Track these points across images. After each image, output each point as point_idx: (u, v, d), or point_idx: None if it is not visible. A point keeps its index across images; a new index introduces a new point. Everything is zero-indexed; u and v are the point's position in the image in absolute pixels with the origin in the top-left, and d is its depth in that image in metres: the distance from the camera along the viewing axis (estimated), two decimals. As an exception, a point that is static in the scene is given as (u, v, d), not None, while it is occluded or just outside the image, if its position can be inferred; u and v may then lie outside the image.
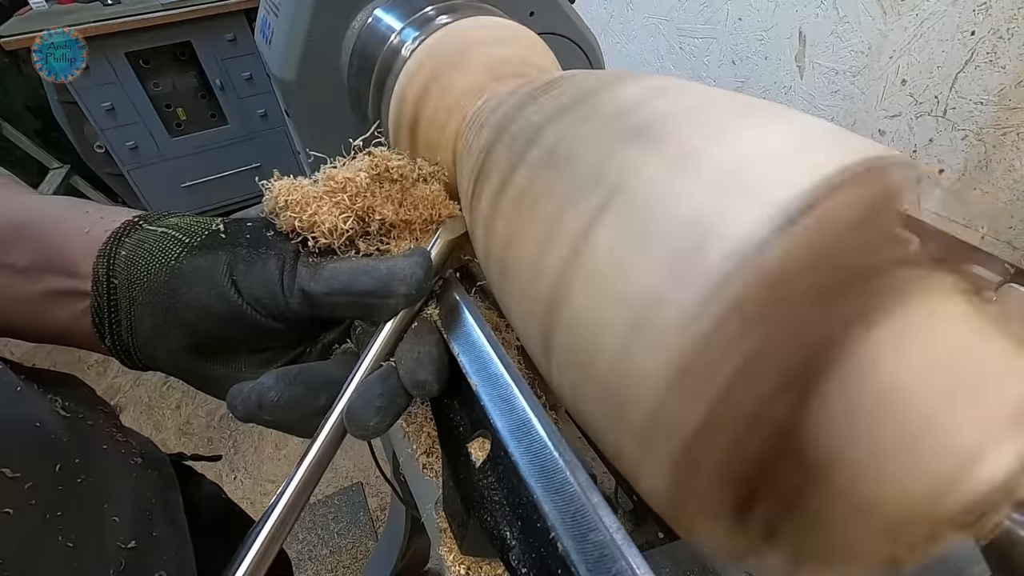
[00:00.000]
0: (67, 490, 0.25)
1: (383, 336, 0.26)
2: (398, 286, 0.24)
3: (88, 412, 0.30)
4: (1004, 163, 0.58)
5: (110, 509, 0.27)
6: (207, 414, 1.55)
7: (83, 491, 0.26)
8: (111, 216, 0.27)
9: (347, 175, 0.28)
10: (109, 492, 0.28)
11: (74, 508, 0.25)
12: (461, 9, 0.36)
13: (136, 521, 0.29)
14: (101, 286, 0.25)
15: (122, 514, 0.28)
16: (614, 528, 0.17)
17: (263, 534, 0.22)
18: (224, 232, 0.27)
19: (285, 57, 0.41)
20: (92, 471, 0.27)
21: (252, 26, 1.24)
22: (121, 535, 0.27)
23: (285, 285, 0.26)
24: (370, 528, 1.26)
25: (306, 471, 0.23)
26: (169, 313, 0.25)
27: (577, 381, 0.19)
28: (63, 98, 1.41)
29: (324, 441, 0.24)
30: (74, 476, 0.26)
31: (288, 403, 0.24)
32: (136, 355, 0.27)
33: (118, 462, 0.30)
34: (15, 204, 0.28)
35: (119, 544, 0.27)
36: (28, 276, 0.26)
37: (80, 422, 0.29)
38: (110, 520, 0.27)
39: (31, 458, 0.24)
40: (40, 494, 0.23)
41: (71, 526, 0.24)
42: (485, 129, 0.27)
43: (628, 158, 0.19)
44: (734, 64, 0.88)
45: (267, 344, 0.28)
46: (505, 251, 0.23)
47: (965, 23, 0.58)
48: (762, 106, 0.19)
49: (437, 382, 0.24)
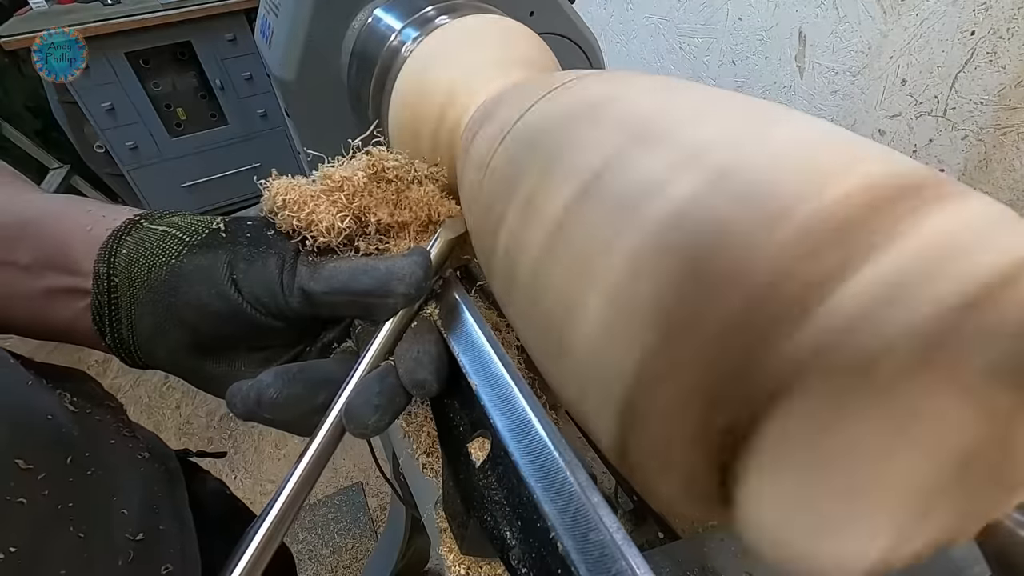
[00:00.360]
0: (78, 482, 0.25)
1: (382, 335, 0.26)
2: (397, 285, 0.24)
3: (96, 407, 0.31)
4: (1004, 163, 0.58)
5: (119, 502, 0.28)
6: (207, 414, 1.55)
7: (93, 484, 0.26)
8: (113, 214, 0.27)
9: (344, 174, 0.28)
10: (117, 485, 0.28)
11: (84, 500, 0.25)
12: (461, 9, 0.36)
13: (143, 514, 0.29)
14: (102, 284, 0.25)
15: (130, 507, 0.28)
16: (614, 528, 0.17)
17: (262, 530, 0.22)
18: (224, 231, 0.27)
19: (285, 57, 0.41)
20: (101, 464, 0.27)
21: (252, 26, 1.24)
22: (129, 527, 0.27)
23: (285, 284, 0.26)
24: (370, 528, 1.26)
25: (305, 468, 0.23)
26: (169, 311, 0.26)
27: (582, 382, 0.19)
28: (63, 98, 1.41)
29: (323, 439, 0.24)
30: (84, 469, 0.26)
31: (287, 400, 0.24)
32: (136, 353, 0.27)
33: (126, 456, 0.31)
34: (20, 202, 0.28)
35: (127, 536, 0.27)
36: (31, 273, 0.26)
37: (88, 417, 0.29)
38: (119, 513, 0.27)
39: (43, 450, 0.24)
40: (52, 485, 0.24)
41: (81, 517, 0.25)
42: (485, 129, 0.27)
43: (641, 164, 0.19)
44: (734, 64, 0.88)
45: (267, 343, 0.28)
46: (509, 253, 0.23)
47: (965, 23, 0.58)
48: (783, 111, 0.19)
49: (436, 381, 0.24)
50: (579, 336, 0.18)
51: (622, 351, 0.16)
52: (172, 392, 1.62)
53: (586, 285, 0.18)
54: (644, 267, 0.16)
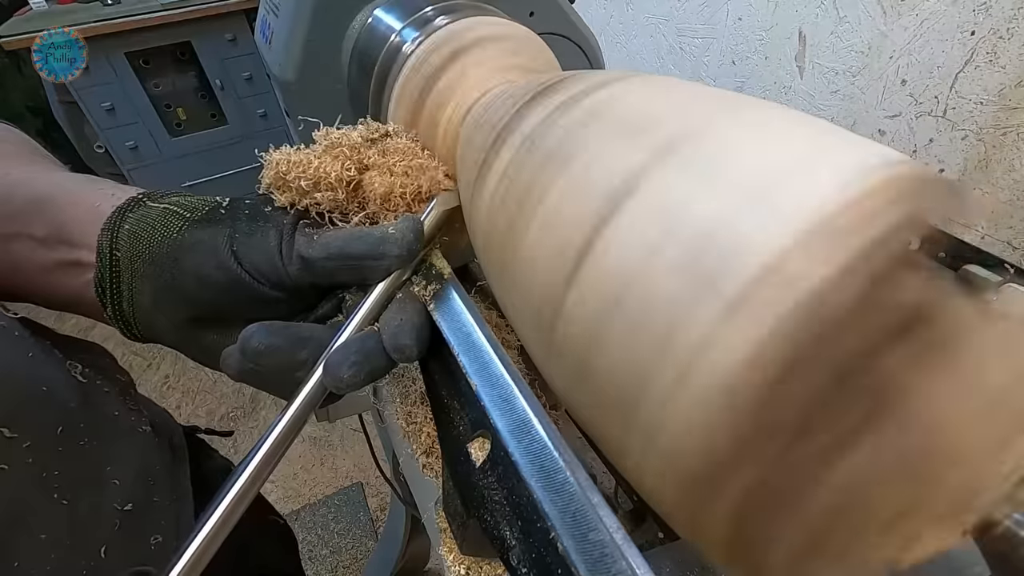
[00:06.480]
0: (67, 451, 0.27)
1: (369, 302, 0.27)
2: (390, 248, 0.26)
3: (105, 380, 0.32)
4: (1004, 163, 0.58)
5: (111, 472, 0.29)
6: (207, 414, 1.55)
7: (85, 453, 0.28)
8: (120, 193, 0.29)
9: (342, 131, 0.30)
10: (111, 456, 0.30)
11: (73, 469, 0.27)
12: (461, 9, 0.36)
13: (137, 486, 0.30)
14: (104, 258, 0.27)
15: (123, 478, 0.30)
16: (614, 528, 0.17)
17: (241, 479, 0.23)
18: (224, 208, 0.28)
19: (285, 57, 0.41)
20: (97, 435, 0.29)
21: (252, 26, 1.24)
22: (119, 497, 0.29)
23: (284, 253, 0.27)
24: (370, 528, 1.26)
25: (288, 421, 0.24)
26: (170, 283, 0.27)
27: (578, 378, 0.19)
28: (63, 98, 1.41)
29: (306, 395, 0.25)
30: (77, 439, 0.28)
31: (268, 350, 0.25)
32: (136, 326, 0.28)
33: (126, 428, 0.32)
34: (42, 179, 0.30)
35: (116, 506, 0.29)
36: (45, 245, 0.28)
37: (96, 388, 0.31)
38: (110, 483, 0.29)
39: (33, 420, 0.26)
40: (38, 454, 0.25)
41: (68, 485, 0.26)
42: (485, 129, 0.27)
43: (635, 160, 0.19)
44: (734, 64, 0.88)
45: (264, 315, 0.29)
46: (505, 250, 0.23)
47: (965, 23, 0.58)
48: (776, 109, 0.19)
49: (417, 347, 0.25)
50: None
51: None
52: (172, 392, 1.62)
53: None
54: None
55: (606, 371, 0.18)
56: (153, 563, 0.29)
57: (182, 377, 1.67)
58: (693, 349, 0.15)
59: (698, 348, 0.15)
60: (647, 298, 0.16)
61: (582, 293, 0.18)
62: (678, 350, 0.15)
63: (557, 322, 0.19)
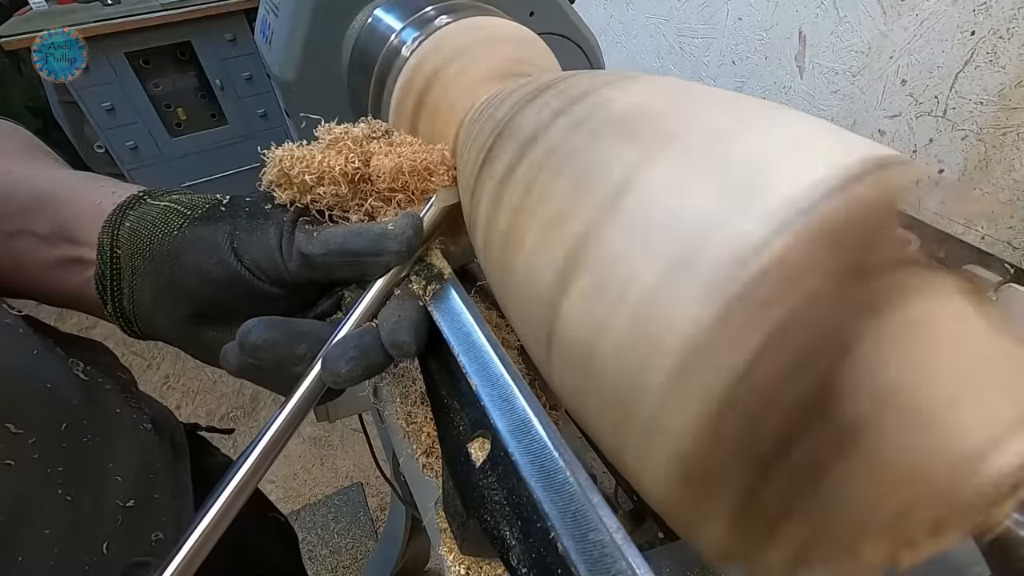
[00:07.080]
0: (71, 448, 0.27)
1: (368, 299, 0.27)
2: (390, 244, 0.26)
3: (106, 378, 0.33)
4: (1004, 163, 0.58)
5: (113, 469, 0.29)
6: (207, 414, 1.55)
7: (88, 450, 0.28)
8: (122, 191, 0.29)
9: (344, 127, 0.30)
10: (113, 453, 0.30)
11: (76, 465, 0.27)
12: (461, 9, 0.36)
13: (138, 482, 0.31)
14: (105, 255, 0.27)
15: (125, 474, 0.30)
16: (614, 528, 0.17)
17: (240, 473, 0.23)
18: (224, 206, 0.28)
19: (285, 57, 0.41)
20: (100, 432, 0.29)
21: (252, 26, 1.24)
22: (121, 493, 0.29)
23: (284, 250, 0.27)
24: (370, 528, 1.27)
25: (287, 416, 0.24)
26: (170, 280, 0.27)
27: (578, 378, 0.19)
28: (63, 98, 1.41)
29: (305, 390, 0.25)
30: (80, 435, 0.28)
31: (266, 344, 0.25)
32: (136, 323, 0.28)
33: (127, 425, 0.32)
34: (44, 176, 0.30)
35: (118, 502, 0.29)
36: (47, 243, 0.28)
37: (98, 386, 0.31)
38: (112, 479, 0.29)
39: (38, 416, 0.26)
40: (42, 450, 0.25)
41: (71, 481, 0.26)
42: (485, 128, 0.27)
43: (631, 156, 0.19)
44: (734, 64, 0.88)
45: (264, 312, 0.29)
46: (505, 250, 0.23)
47: (965, 23, 0.58)
48: (768, 106, 0.19)
49: (415, 343, 0.25)
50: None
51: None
52: (172, 392, 1.62)
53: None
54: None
55: (604, 371, 0.18)
56: (154, 559, 0.29)
57: (182, 377, 1.67)
58: (692, 349, 0.15)
59: (697, 348, 0.15)
60: (644, 298, 0.16)
61: (580, 293, 0.18)
62: (676, 350, 0.15)
63: (556, 322, 0.19)
